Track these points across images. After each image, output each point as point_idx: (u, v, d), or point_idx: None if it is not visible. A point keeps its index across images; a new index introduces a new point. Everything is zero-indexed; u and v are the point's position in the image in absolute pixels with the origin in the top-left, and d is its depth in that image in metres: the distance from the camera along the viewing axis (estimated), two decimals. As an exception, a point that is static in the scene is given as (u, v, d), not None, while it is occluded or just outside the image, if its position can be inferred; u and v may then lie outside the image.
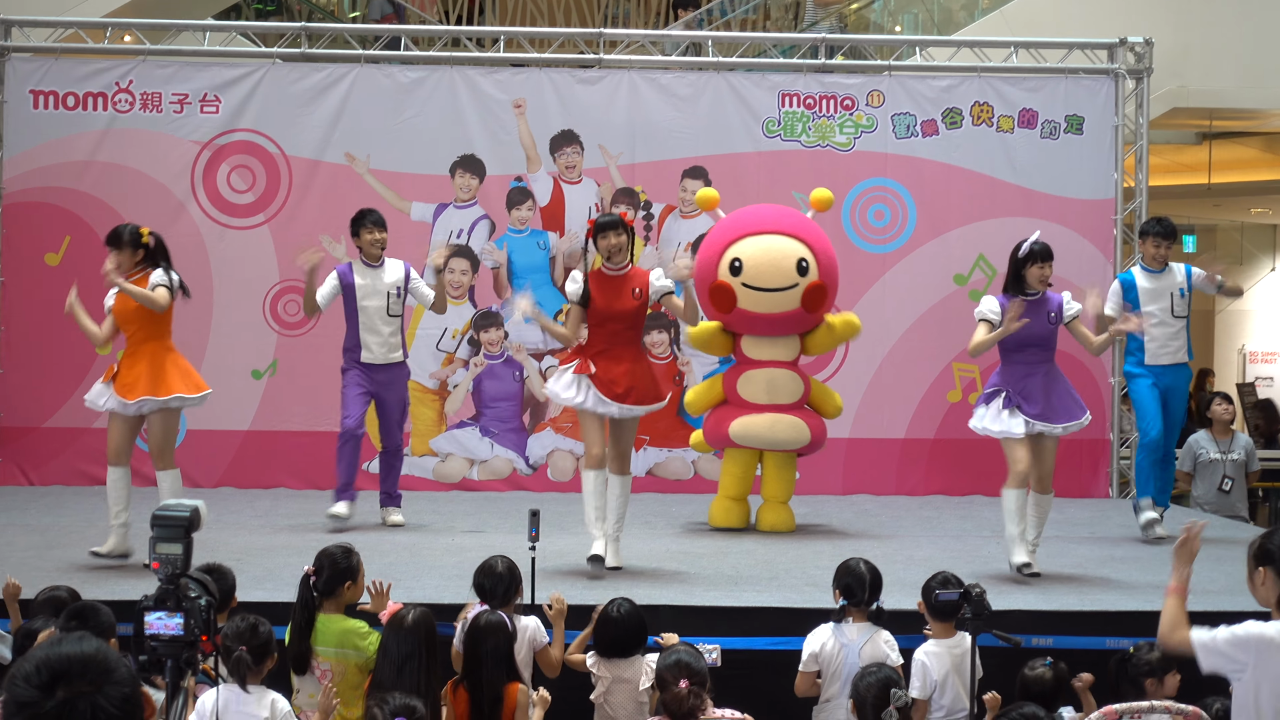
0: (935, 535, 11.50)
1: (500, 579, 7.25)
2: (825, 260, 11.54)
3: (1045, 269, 9.77)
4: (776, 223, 11.62)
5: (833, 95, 13.91)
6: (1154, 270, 11.46)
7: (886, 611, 7.37)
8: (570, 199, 13.84)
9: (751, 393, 11.47)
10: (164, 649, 4.50)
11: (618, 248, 9.68)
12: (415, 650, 6.46)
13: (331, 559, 7.14)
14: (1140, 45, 14.03)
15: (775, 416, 11.41)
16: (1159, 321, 11.34)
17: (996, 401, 9.69)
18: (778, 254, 11.37)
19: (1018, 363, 9.73)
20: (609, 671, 7.18)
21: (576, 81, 13.95)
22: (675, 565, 9.91)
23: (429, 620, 6.57)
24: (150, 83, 13.64)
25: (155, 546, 4.61)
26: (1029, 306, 9.70)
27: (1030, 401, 9.62)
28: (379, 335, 11.32)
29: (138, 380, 9.64)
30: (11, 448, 13.54)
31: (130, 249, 9.70)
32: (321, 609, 7.06)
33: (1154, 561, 10.23)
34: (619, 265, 9.73)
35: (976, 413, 9.86)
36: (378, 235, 11.34)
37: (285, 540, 10.56)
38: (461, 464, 13.76)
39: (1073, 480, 13.21)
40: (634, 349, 9.83)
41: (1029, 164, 13.87)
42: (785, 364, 11.56)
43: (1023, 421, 9.57)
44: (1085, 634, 8.29)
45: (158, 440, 9.78)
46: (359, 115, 13.71)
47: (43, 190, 13.57)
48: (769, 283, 11.33)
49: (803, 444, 11.52)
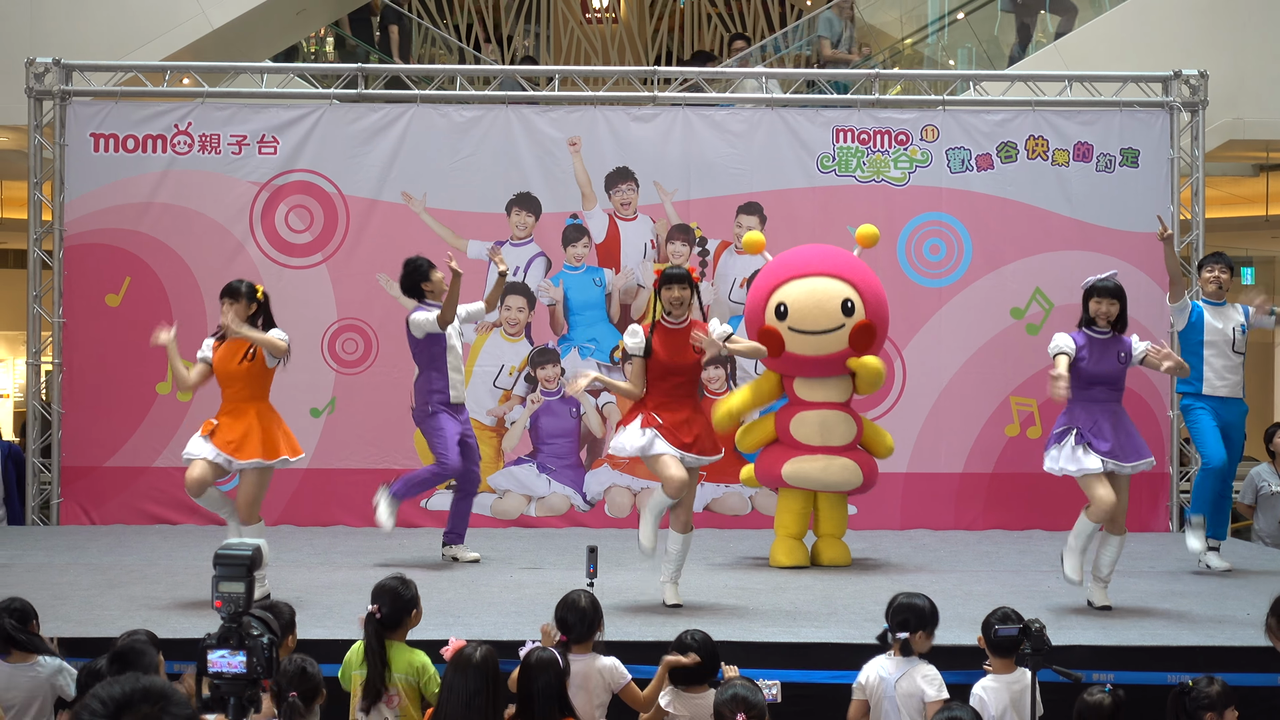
0: (994, 570, 11.44)
1: (583, 614, 7.26)
2: (872, 299, 11.52)
3: (1104, 304, 9.72)
4: (821, 264, 11.60)
5: (887, 130, 13.92)
6: (1215, 303, 11.43)
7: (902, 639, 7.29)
8: (625, 236, 13.88)
9: (805, 434, 11.45)
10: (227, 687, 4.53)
11: (680, 301, 9.68)
12: (482, 687, 6.47)
13: (393, 593, 7.20)
14: (1195, 78, 13.99)
15: (829, 459, 11.40)
16: (1218, 353, 11.31)
17: (1069, 440, 9.65)
18: (822, 296, 11.36)
19: (1086, 400, 9.68)
20: (684, 709, 7.16)
21: (631, 119, 13.99)
22: (734, 600, 9.90)
23: (493, 657, 6.58)
24: (209, 124, 13.77)
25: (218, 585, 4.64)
26: (1098, 345, 9.68)
27: (1101, 439, 9.57)
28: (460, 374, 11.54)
29: (245, 439, 9.78)
30: (73, 487, 13.64)
31: (246, 301, 9.88)
32: (390, 640, 7.14)
33: (1215, 595, 10.16)
34: (679, 319, 9.74)
35: (1049, 454, 9.77)
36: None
37: (344, 578, 10.59)
38: (519, 500, 13.78)
39: (1133, 514, 13.01)
40: (693, 400, 9.85)
41: (1084, 197, 13.84)
42: (838, 405, 11.55)
43: (1098, 459, 9.54)
44: (1146, 669, 8.23)
45: (250, 496, 9.84)
46: (415, 155, 13.79)
47: (103, 232, 13.69)
48: (814, 325, 11.33)
49: (855, 486, 11.53)
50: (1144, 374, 12.23)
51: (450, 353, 11.39)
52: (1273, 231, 20.93)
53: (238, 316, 9.81)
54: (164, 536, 12.44)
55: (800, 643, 8.54)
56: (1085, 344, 9.72)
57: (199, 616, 8.80)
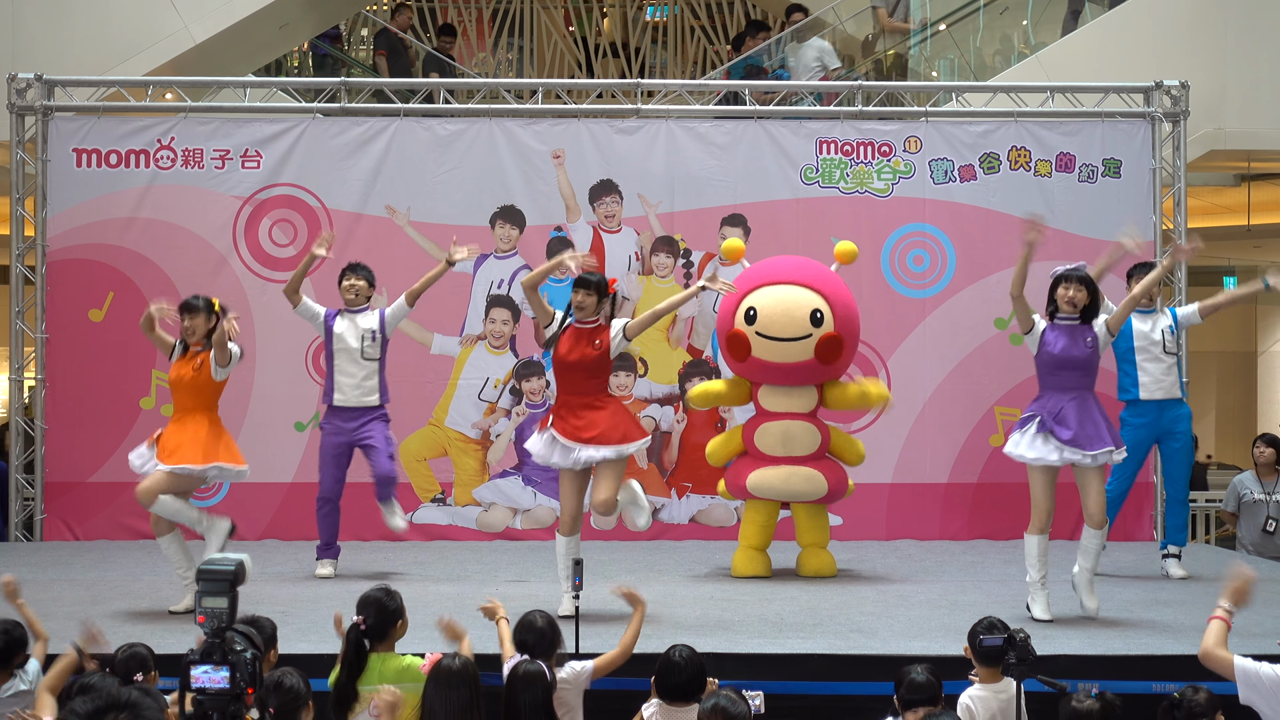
0: (979, 580, 11.46)
1: (541, 634, 7.26)
2: (842, 312, 11.56)
3: (1071, 288, 9.79)
4: (794, 274, 11.67)
5: (870, 142, 13.94)
6: (1143, 310, 11.66)
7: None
8: (610, 248, 13.88)
9: (768, 445, 11.53)
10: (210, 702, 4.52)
11: (582, 306, 10.01)
12: (465, 696, 6.43)
13: (378, 604, 7.16)
14: (1176, 89, 14.03)
15: (791, 469, 11.46)
16: (1150, 358, 11.51)
17: (1031, 427, 9.69)
18: (792, 304, 11.42)
19: (1054, 387, 9.73)
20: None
21: (615, 131, 14.00)
22: (719, 612, 9.91)
23: (473, 666, 6.56)
24: (192, 139, 13.76)
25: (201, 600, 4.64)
26: (1064, 331, 9.74)
27: (1064, 426, 9.59)
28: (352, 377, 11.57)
29: (180, 447, 9.97)
30: (57, 503, 13.61)
31: (205, 315, 10.18)
32: (377, 650, 7.11)
33: (1199, 605, 10.16)
34: (587, 321, 10.05)
35: (1011, 439, 9.84)
36: (352, 281, 11.69)
37: (329, 591, 10.59)
38: (504, 513, 13.77)
39: (1117, 524, 13.13)
40: (594, 395, 10.04)
41: (1067, 208, 13.86)
42: (802, 416, 11.61)
43: (1055, 448, 9.56)
44: (1131, 678, 8.24)
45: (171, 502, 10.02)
46: (399, 168, 13.80)
47: (86, 247, 13.67)
48: (782, 332, 11.38)
49: (820, 495, 11.57)
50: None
51: (340, 353, 11.54)
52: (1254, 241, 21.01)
53: (195, 331, 10.15)
54: (148, 551, 12.38)
55: (785, 654, 8.54)
56: (1051, 330, 9.77)
57: (183, 632, 8.78)
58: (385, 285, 13.62)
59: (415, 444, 13.67)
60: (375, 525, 13.40)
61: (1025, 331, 9.92)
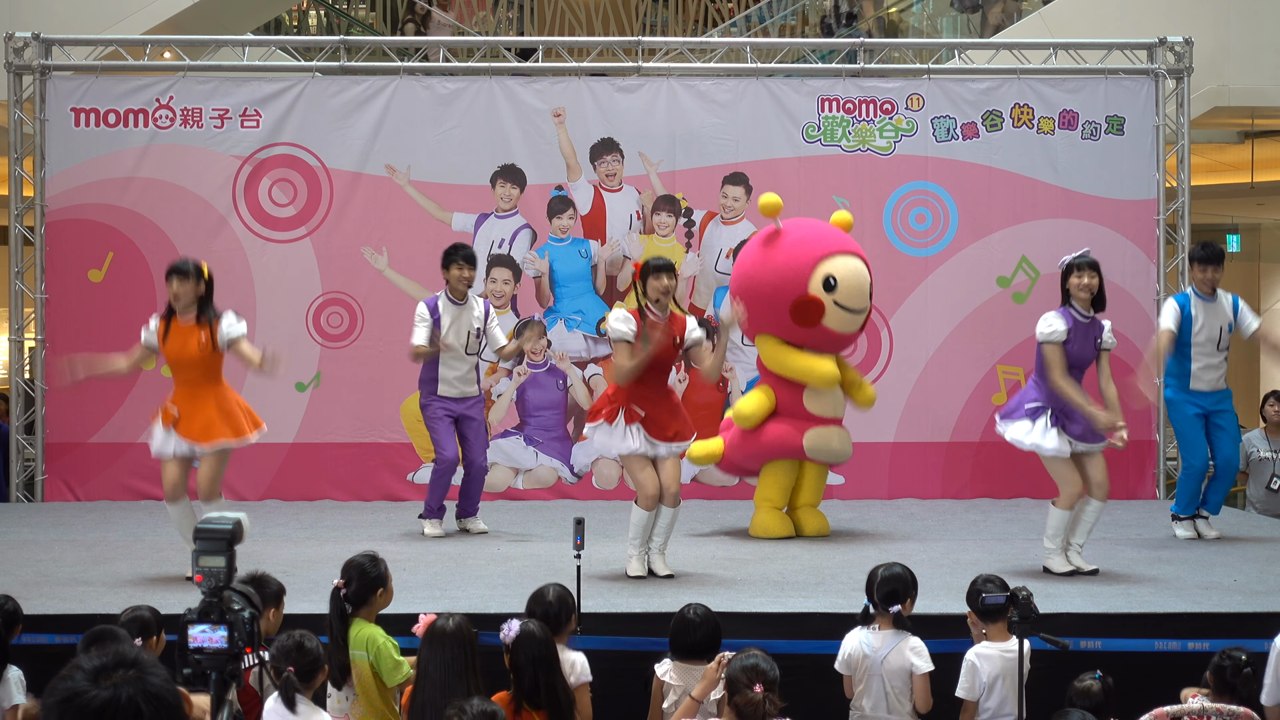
0: (982, 538, 11.45)
1: (550, 607, 7.16)
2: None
3: (1085, 276, 9.72)
4: (853, 245, 11.64)
5: (872, 99, 13.88)
6: (1205, 297, 11.33)
7: (894, 612, 7.24)
8: (611, 207, 13.84)
9: (821, 407, 11.42)
10: (208, 662, 4.49)
11: (668, 290, 9.59)
12: (460, 656, 6.39)
13: (360, 569, 7.07)
14: (1180, 45, 13.96)
15: (840, 430, 11.52)
16: (1204, 352, 11.25)
17: (1043, 419, 9.66)
18: (862, 278, 11.43)
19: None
20: (682, 680, 7.12)
21: (616, 90, 13.95)
22: (721, 571, 9.90)
23: (468, 626, 6.50)
24: (190, 98, 13.70)
25: (198, 560, 4.60)
26: (1081, 329, 9.68)
27: (1073, 420, 9.61)
28: (457, 371, 11.50)
29: (210, 424, 9.67)
30: (57, 463, 13.60)
31: (195, 281, 9.70)
32: (355, 617, 7.04)
33: (1202, 562, 10.16)
34: (665, 310, 9.65)
35: (1019, 425, 9.76)
36: (467, 273, 11.45)
37: (331, 552, 10.54)
38: (506, 473, 13.76)
39: (1119, 482, 13.11)
40: (667, 388, 9.83)
41: (1070, 165, 13.81)
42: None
43: (1068, 443, 9.62)
44: (1133, 636, 8.23)
45: (210, 477, 9.71)
46: (399, 127, 13.74)
47: (85, 207, 13.63)
48: (857, 304, 11.39)
49: (849, 455, 11.66)
50: (1124, 339, 12.16)
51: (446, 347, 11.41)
52: (1257, 198, 20.94)
53: (182, 297, 9.67)
54: (149, 512, 12.38)
55: (788, 613, 8.53)
56: (1073, 326, 9.71)
57: (184, 592, 8.77)
58: (385, 245, 13.63)
59: (417, 404, 13.63)
60: (376, 485, 13.45)
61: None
